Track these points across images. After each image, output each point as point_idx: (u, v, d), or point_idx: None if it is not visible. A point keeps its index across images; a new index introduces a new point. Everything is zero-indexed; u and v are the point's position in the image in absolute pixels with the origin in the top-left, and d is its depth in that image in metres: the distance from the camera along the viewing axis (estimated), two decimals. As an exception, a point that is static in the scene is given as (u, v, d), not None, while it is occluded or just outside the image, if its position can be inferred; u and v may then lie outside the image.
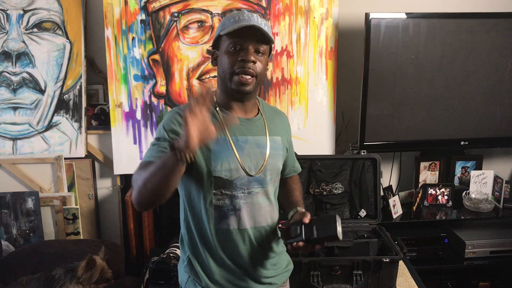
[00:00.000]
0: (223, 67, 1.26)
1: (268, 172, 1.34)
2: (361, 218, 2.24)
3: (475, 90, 2.41)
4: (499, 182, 2.51)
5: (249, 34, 1.22)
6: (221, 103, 1.33)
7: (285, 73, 2.39)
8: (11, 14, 2.31)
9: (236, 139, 1.30)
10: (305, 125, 2.44)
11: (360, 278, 1.86)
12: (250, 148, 1.31)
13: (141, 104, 2.36)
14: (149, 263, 2.00)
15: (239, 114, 1.33)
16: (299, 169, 1.57)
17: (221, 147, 1.28)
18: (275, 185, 1.41)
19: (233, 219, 1.31)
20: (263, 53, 1.26)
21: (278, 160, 1.38)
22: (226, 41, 1.25)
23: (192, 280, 1.37)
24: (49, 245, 2.26)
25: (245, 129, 1.32)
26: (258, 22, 1.23)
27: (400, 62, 2.33)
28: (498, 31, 2.34)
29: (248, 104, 1.34)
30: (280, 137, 1.40)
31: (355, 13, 2.40)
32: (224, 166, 1.27)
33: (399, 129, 2.43)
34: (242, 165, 1.28)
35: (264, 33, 1.22)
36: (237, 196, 1.30)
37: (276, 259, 1.42)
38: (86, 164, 2.47)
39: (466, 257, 2.37)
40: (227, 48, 1.25)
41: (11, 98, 2.38)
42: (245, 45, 1.23)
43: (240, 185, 1.30)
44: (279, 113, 1.48)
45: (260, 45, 1.25)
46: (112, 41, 2.29)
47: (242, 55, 1.23)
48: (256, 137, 1.33)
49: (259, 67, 1.25)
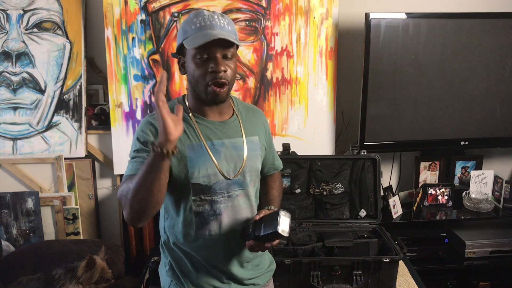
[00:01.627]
0: (195, 78, 1.23)
1: (247, 174, 1.33)
2: (361, 218, 2.24)
3: (475, 90, 2.41)
4: (499, 182, 2.51)
5: (215, 41, 1.18)
6: (193, 109, 1.31)
7: (285, 73, 2.39)
8: (11, 14, 2.31)
9: (212, 144, 1.28)
10: (305, 125, 2.44)
11: (360, 278, 1.86)
12: (227, 151, 1.30)
13: (141, 104, 2.36)
14: (149, 263, 2.00)
15: (213, 118, 1.31)
16: (279, 166, 1.54)
17: (197, 153, 1.26)
18: (256, 186, 1.40)
19: (214, 224, 1.31)
20: (232, 56, 1.23)
21: (256, 161, 1.36)
22: (192, 51, 1.21)
23: (174, 284, 1.38)
24: (49, 245, 2.26)
25: (221, 132, 1.30)
26: (221, 26, 1.20)
27: (400, 62, 2.33)
28: (498, 31, 2.34)
29: (222, 106, 1.31)
30: (258, 136, 1.38)
31: (355, 13, 2.40)
32: (202, 172, 1.26)
33: (399, 129, 2.43)
34: (220, 170, 1.27)
35: (230, 40, 1.19)
36: (217, 201, 1.29)
37: (258, 259, 1.43)
38: (86, 164, 2.47)
39: (466, 257, 2.37)
40: (194, 59, 1.21)
41: (11, 98, 2.38)
42: (212, 54, 1.20)
43: (220, 189, 1.29)
44: (255, 111, 1.45)
45: (227, 50, 1.21)
46: (112, 41, 2.29)
47: (212, 66, 1.20)
48: (232, 140, 1.32)
49: (230, 73, 1.23)
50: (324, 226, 2.17)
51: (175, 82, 2.36)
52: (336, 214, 2.25)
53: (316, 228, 2.15)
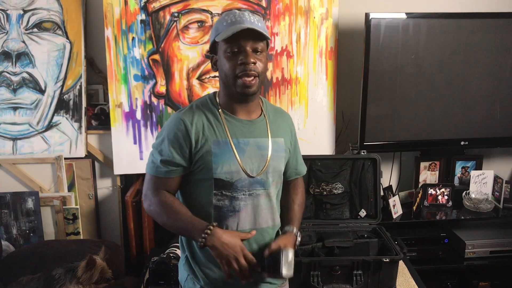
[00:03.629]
0: (225, 72, 1.27)
1: (270, 174, 1.35)
2: (361, 218, 2.24)
3: (475, 90, 2.41)
4: (499, 182, 2.51)
5: (245, 35, 1.22)
6: (224, 105, 1.33)
7: (285, 73, 2.39)
8: (11, 14, 2.31)
9: (237, 142, 1.30)
10: (305, 125, 2.44)
11: (360, 278, 1.86)
12: (251, 150, 1.32)
13: (141, 104, 2.36)
14: (149, 263, 2.00)
15: (242, 116, 1.33)
16: (302, 172, 1.55)
17: (222, 150, 1.29)
18: (278, 187, 1.41)
19: (231, 220, 1.32)
20: (262, 50, 1.26)
21: (280, 162, 1.38)
22: (223, 45, 1.25)
23: (191, 279, 1.38)
24: (49, 245, 2.26)
25: (247, 131, 1.33)
26: (251, 22, 1.23)
27: (400, 62, 2.33)
28: (498, 31, 2.34)
29: (251, 105, 1.34)
30: (283, 138, 1.40)
31: (355, 13, 2.40)
32: (225, 168, 1.28)
33: (399, 129, 2.43)
34: (243, 167, 1.29)
35: (259, 32, 1.22)
36: (237, 198, 1.31)
37: None
38: (86, 164, 2.47)
39: (466, 257, 2.37)
40: (225, 53, 1.25)
41: (11, 98, 2.37)
42: (242, 47, 1.23)
43: (241, 186, 1.31)
44: (283, 114, 1.48)
45: (257, 44, 1.25)
46: (112, 41, 2.29)
47: (241, 58, 1.23)
48: (257, 139, 1.34)
49: (260, 66, 1.26)
50: (324, 226, 2.17)
51: (175, 82, 2.36)
52: (336, 214, 2.24)
53: (316, 228, 2.15)
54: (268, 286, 1.41)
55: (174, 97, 2.37)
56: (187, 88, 2.36)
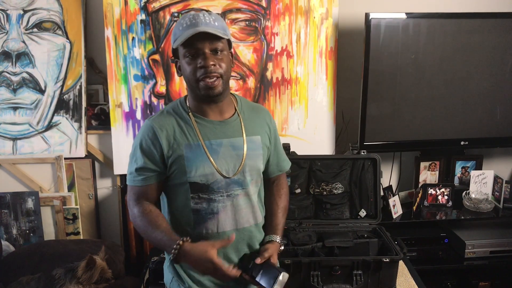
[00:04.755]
0: (187, 76, 1.26)
1: (248, 173, 1.33)
2: (361, 218, 2.24)
3: (475, 90, 2.41)
4: (499, 182, 2.51)
5: (201, 37, 1.20)
6: (193, 108, 1.32)
7: (285, 73, 2.39)
8: (11, 14, 2.31)
9: (210, 143, 1.29)
10: (305, 125, 2.44)
11: (360, 278, 1.86)
12: (225, 150, 1.31)
13: (141, 104, 2.36)
14: (149, 263, 2.00)
15: (213, 117, 1.32)
16: (285, 168, 1.52)
17: (195, 153, 1.28)
18: (258, 186, 1.40)
19: (211, 222, 1.31)
20: (222, 50, 1.25)
21: (257, 160, 1.36)
22: (182, 50, 1.25)
23: (176, 281, 1.38)
24: (49, 245, 2.26)
25: (220, 131, 1.31)
26: (206, 23, 1.21)
27: (400, 62, 2.33)
28: (498, 31, 2.34)
29: (221, 105, 1.32)
30: (260, 135, 1.38)
31: (355, 13, 2.40)
32: (199, 171, 1.27)
33: (399, 129, 2.43)
34: (217, 169, 1.28)
35: (214, 33, 1.21)
36: (215, 200, 1.30)
37: None
38: (86, 164, 2.47)
39: (466, 257, 2.37)
40: (184, 57, 1.25)
41: (11, 98, 2.38)
42: (200, 50, 1.22)
43: (218, 188, 1.30)
44: (259, 111, 1.44)
45: (215, 44, 1.23)
46: (112, 41, 2.29)
47: (200, 61, 1.22)
48: (231, 139, 1.32)
49: (222, 67, 1.24)
50: (324, 226, 2.17)
51: (175, 82, 2.36)
52: (336, 214, 2.24)
53: (316, 228, 2.15)
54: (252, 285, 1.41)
55: (174, 97, 2.37)
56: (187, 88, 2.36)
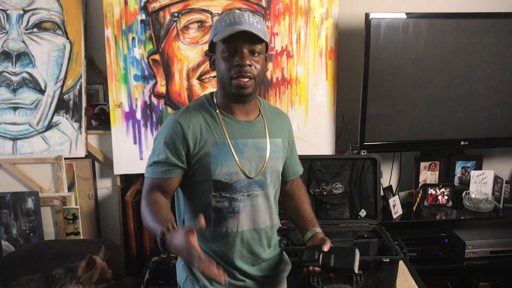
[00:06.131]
0: (221, 72, 1.26)
1: (268, 175, 1.34)
2: (361, 218, 2.24)
3: (475, 90, 2.41)
4: (499, 182, 2.51)
5: (242, 37, 1.21)
6: (221, 106, 1.33)
7: (285, 73, 2.39)
8: (11, 14, 2.31)
9: (236, 143, 1.30)
10: (305, 125, 2.44)
11: (360, 278, 1.86)
12: (249, 151, 1.31)
13: (141, 104, 2.36)
14: (149, 263, 2.00)
15: (240, 117, 1.33)
16: (299, 172, 1.55)
17: (221, 151, 1.28)
18: (276, 188, 1.41)
19: (231, 221, 1.32)
20: (259, 52, 1.26)
21: (278, 163, 1.38)
22: (221, 46, 1.24)
23: (190, 280, 1.38)
24: (49, 245, 2.26)
25: (245, 131, 1.32)
26: (250, 23, 1.22)
27: (400, 62, 2.33)
28: (498, 31, 2.34)
29: (248, 105, 1.33)
30: (281, 138, 1.40)
31: (355, 13, 2.40)
32: (224, 169, 1.28)
33: (399, 129, 2.43)
34: (241, 168, 1.29)
35: (257, 34, 1.21)
36: (236, 199, 1.31)
37: (273, 260, 1.43)
38: (86, 164, 2.47)
39: (466, 257, 2.37)
40: (222, 53, 1.25)
41: (11, 98, 2.37)
42: (239, 49, 1.22)
43: (240, 188, 1.30)
44: (280, 114, 1.47)
45: (254, 46, 1.24)
46: (112, 41, 2.29)
47: (237, 59, 1.22)
48: (256, 140, 1.33)
49: (256, 68, 1.25)
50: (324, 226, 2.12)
51: (175, 82, 2.36)
52: (336, 214, 2.24)
53: (316, 228, 2.14)
54: (266, 285, 1.41)
55: (174, 97, 2.37)
56: (187, 88, 2.36)
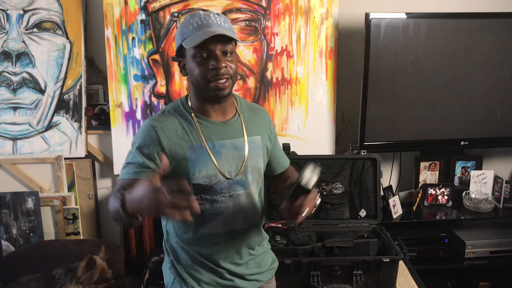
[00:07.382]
0: (196, 77, 1.24)
1: (249, 174, 1.34)
2: (361, 218, 2.24)
3: (475, 90, 2.41)
4: (499, 182, 2.51)
5: (212, 39, 1.19)
6: (196, 109, 1.31)
7: (285, 73, 2.39)
8: (11, 14, 2.31)
9: (213, 145, 1.29)
10: (305, 125, 2.44)
11: (360, 278, 1.86)
12: (227, 151, 1.30)
13: (141, 104, 2.36)
14: (149, 263, 2.00)
15: (216, 118, 1.31)
16: (286, 165, 1.53)
17: (198, 155, 1.27)
18: (259, 186, 1.40)
19: (214, 223, 1.32)
20: (231, 52, 1.24)
21: (258, 160, 1.37)
22: (192, 50, 1.22)
23: (177, 281, 1.38)
24: (49, 245, 2.26)
25: (222, 132, 1.31)
26: (218, 24, 1.21)
27: (400, 62, 2.33)
28: (498, 31, 2.34)
29: (225, 105, 1.32)
30: (260, 136, 1.38)
31: (355, 13, 2.40)
32: (202, 173, 1.26)
33: (399, 129, 2.43)
34: (220, 170, 1.28)
35: (227, 35, 1.20)
36: (217, 200, 1.30)
37: (260, 258, 1.44)
38: (86, 164, 2.47)
39: (466, 257, 2.37)
40: (194, 58, 1.22)
41: (11, 98, 2.38)
42: (212, 52, 1.21)
43: (220, 189, 1.30)
44: (258, 111, 1.45)
45: (226, 47, 1.22)
46: (112, 41, 2.29)
47: (212, 63, 1.20)
48: (233, 140, 1.32)
49: (232, 68, 1.24)
50: (324, 226, 2.17)
51: (175, 82, 2.36)
52: (336, 214, 2.24)
53: (316, 228, 2.15)
54: (255, 283, 1.42)
55: (174, 97, 2.37)
56: (187, 88, 2.36)
